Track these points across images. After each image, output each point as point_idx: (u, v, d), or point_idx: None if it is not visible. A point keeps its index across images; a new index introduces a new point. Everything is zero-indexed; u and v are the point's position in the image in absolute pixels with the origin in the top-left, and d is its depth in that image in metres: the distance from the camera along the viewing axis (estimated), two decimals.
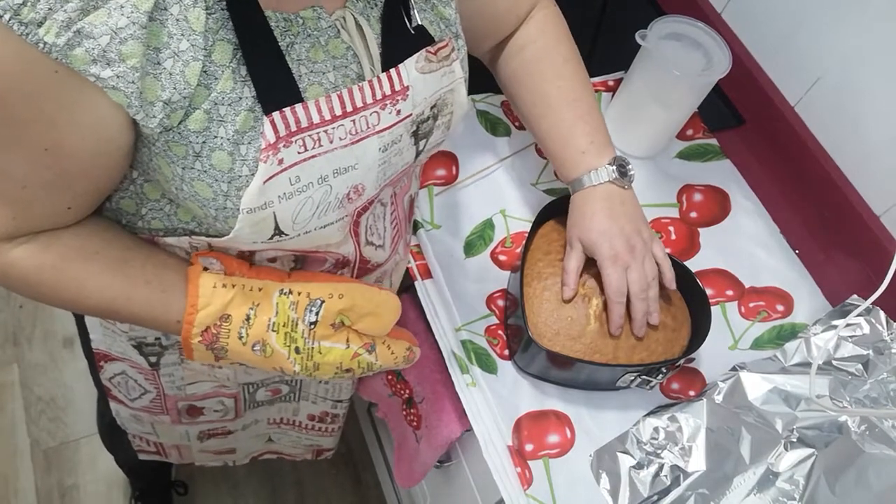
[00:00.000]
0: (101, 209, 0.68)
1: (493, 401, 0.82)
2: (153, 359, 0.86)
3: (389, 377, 1.03)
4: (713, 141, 1.08)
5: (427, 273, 0.90)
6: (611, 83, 1.10)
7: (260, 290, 0.66)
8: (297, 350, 0.67)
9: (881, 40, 0.92)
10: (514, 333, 0.86)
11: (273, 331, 0.66)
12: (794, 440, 0.82)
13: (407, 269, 0.91)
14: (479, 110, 1.04)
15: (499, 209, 0.96)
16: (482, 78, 0.92)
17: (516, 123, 1.04)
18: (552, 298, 0.83)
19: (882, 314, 0.91)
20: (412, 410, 0.98)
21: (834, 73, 0.99)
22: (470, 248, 0.93)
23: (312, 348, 0.68)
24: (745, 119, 1.12)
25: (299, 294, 0.67)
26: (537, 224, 0.88)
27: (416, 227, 0.93)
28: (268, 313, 0.66)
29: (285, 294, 0.66)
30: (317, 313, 0.67)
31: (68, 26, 0.47)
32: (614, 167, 0.82)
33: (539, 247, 0.87)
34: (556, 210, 0.90)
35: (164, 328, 0.67)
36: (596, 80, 1.10)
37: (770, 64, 1.09)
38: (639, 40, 0.93)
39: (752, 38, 1.11)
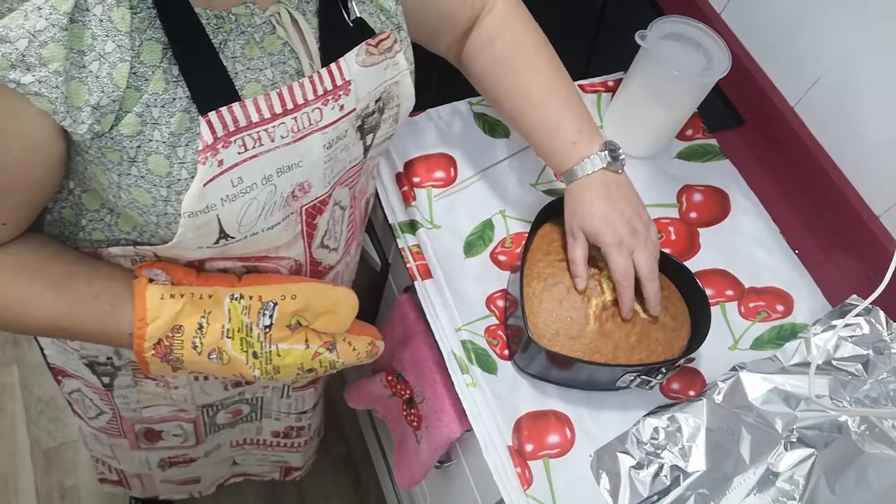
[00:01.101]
0: (42, 223, 0.66)
1: (493, 401, 0.82)
2: (106, 379, 0.84)
3: (389, 378, 1.03)
4: (713, 141, 1.08)
5: (427, 273, 0.90)
6: (611, 83, 1.10)
7: (210, 296, 0.64)
8: (254, 355, 0.66)
9: (881, 40, 0.92)
10: (513, 333, 0.86)
11: (228, 337, 0.65)
12: (794, 440, 0.82)
13: (407, 268, 0.91)
14: (477, 113, 1.04)
15: (498, 209, 0.96)
16: None
17: None
18: (552, 298, 0.83)
19: (882, 314, 0.91)
20: (412, 411, 0.98)
21: (834, 73, 0.99)
22: (470, 248, 0.93)
23: (270, 352, 0.66)
24: (744, 119, 1.12)
25: (251, 298, 0.65)
26: (537, 224, 0.88)
27: (415, 226, 0.93)
28: (220, 320, 0.64)
29: (236, 299, 0.65)
30: (270, 316, 0.65)
31: None
32: (606, 153, 0.80)
33: (539, 247, 0.87)
34: (556, 210, 0.90)
35: (116, 342, 0.65)
36: (596, 80, 1.10)
37: (770, 64, 1.09)
38: (638, 41, 0.93)
39: (751, 38, 1.11)
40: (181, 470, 1.10)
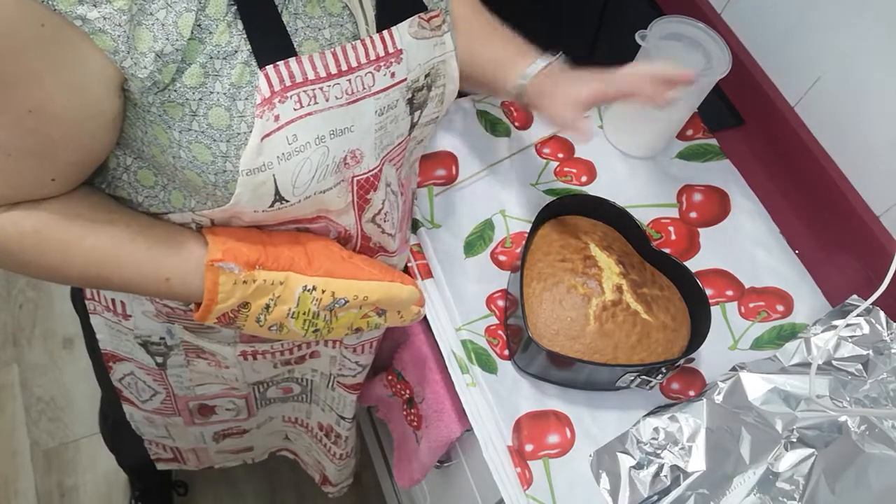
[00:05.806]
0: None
1: (493, 401, 0.82)
2: (159, 359, 0.86)
3: (390, 377, 1.03)
4: (713, 141, 1.08)
5: (427, 273, 0.90)
6: None
7: (281, 283, 0.67)
8: (315, 331, 0.70)
9: (881, 40, 0.92)
10: (513, 333, 0.86)
11: (292, 317, 0.68)
12: (794, 440, 0.82)
13: (407, 268, 0.91)
14: (479, 110, 1.04)
15: (499, 209, 0.96)
16: None
17: (516, 124, 1.04)
18: (552, 299, 0.83)
19: (882, 314, 0.91)
20: (412, 411, 0.98)
21: (834, 73, 0.99)
22: (470, 248, 0.93)
23: (328, 322, 0.71)
24: (744, 119, 1.12)
25: (323, 292, 0.68)
26: (537, 224, 0.88)
27: (416, 225, 0.93)
28: (288, 304, 0.67)
29: (308, 291, 0.68)
30: (340, 306, 0.70)
31: None
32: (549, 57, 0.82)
33: (539, 247, 0.87)
34: (556, 210, 0.90)
35: (152, 289, 0.66)
36: None
37: (770, 64, 1.09)
38: (639, 41, 0.93)
39: (752, 38, 1.11)
40: (235, 440, 1.14)
